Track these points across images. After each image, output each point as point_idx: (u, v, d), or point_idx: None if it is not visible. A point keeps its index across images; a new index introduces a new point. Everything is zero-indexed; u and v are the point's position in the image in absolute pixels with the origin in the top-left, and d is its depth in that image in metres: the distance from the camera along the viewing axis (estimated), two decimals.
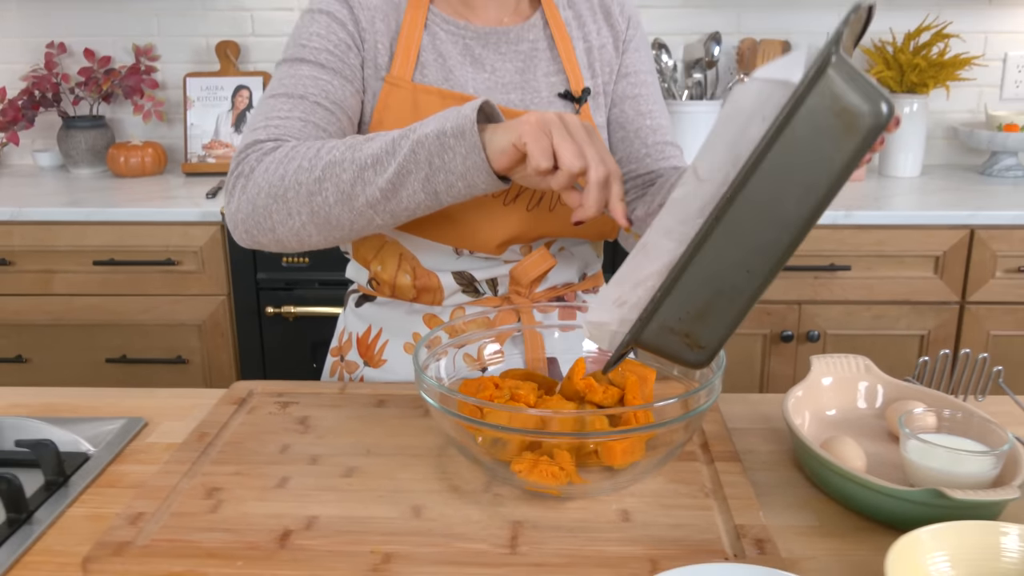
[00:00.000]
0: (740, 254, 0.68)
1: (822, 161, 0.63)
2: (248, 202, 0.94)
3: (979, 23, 2.48)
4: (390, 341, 1.14)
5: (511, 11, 1.11)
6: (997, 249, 2.02)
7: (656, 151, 1.13)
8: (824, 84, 0.61)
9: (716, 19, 2.50)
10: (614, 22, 1.14)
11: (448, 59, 1.07)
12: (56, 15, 2.56)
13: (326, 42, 1.03)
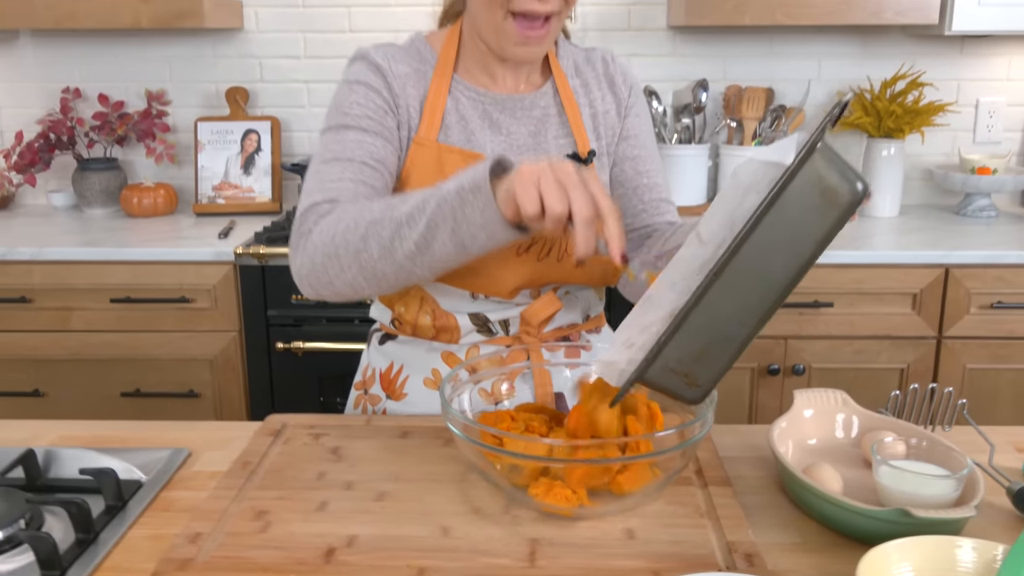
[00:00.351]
0: (733, 307, 0.79)
1: (807, 231, 0.75)
2: (308, 260, 1.05)
3: (952, 71, 2.61)
4: (411, 377, 1.24)
5: (526, 80, 1.23)
6: (971, 287, 2.14)
7: (652, 207, 1.25)
8: (810, 166, 0.73)
9: (703, 67, 2.63)
10: (617, 90, 1.26)
11: (469, 122, 1.19)
12: (72, 61, 2.67)
13: (366, 108, 1.15)
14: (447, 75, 1.19)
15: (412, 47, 1.22)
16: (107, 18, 2.34)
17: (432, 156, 1.16)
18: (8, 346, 2.22)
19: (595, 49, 1.30)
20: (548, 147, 1.21)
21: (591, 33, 2.60)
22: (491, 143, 1.19)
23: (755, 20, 2.29)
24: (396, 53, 1.19)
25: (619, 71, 1.28)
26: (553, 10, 1.09)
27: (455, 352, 1.22)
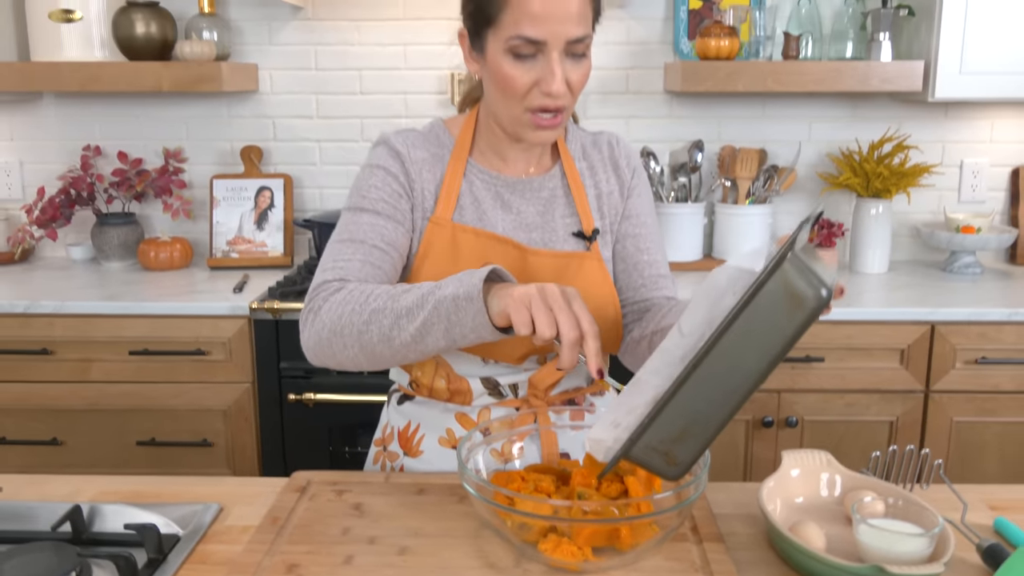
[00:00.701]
0: (709, 396, 0.89)
1: (776, 330, 0.85)
2: (315, 335, 1.17)
3: (937, 133, 2.73)
4: (426, 435, 1.34)
5: (536, 163, 1.34)
6: (956, 343, 2.23)
7: (651, 282, 1.35)
8: (780, 274, 0.83)
9: (699, 128, 2.74)
10: (621, 173, 1.37)
11: (482, 203, 1.30)
12: (92, 120, 2.78)
13: (382, 192, 1.26)
14: (463, 159, 1.30)
15: (432, 132, 1.33)
16: (130, 82, 2.45)
17: (448, 235, 1.27)
18: (29, 396, 2.30)
19: (602, 133, 1.41)
20: (555, 225, 1.31)
21: (592, 96, 2.72)
22: (502, 222, 1.30)
23: (748, 87, 2.41)
24: (415, 139, 1.31)
25: (623, 155, 1.38)
26: (564, 104, 1.20)
27: (468, 413, 1.31)
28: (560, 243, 1.32)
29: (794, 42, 2.49)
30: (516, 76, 1.18)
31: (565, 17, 1.15)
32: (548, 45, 1.15)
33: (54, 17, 2.51)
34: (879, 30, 2.45)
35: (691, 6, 2.65)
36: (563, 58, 1.17)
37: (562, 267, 1.30)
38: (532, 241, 1.30)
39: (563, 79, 1.17)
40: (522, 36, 1.15)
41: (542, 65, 1.17)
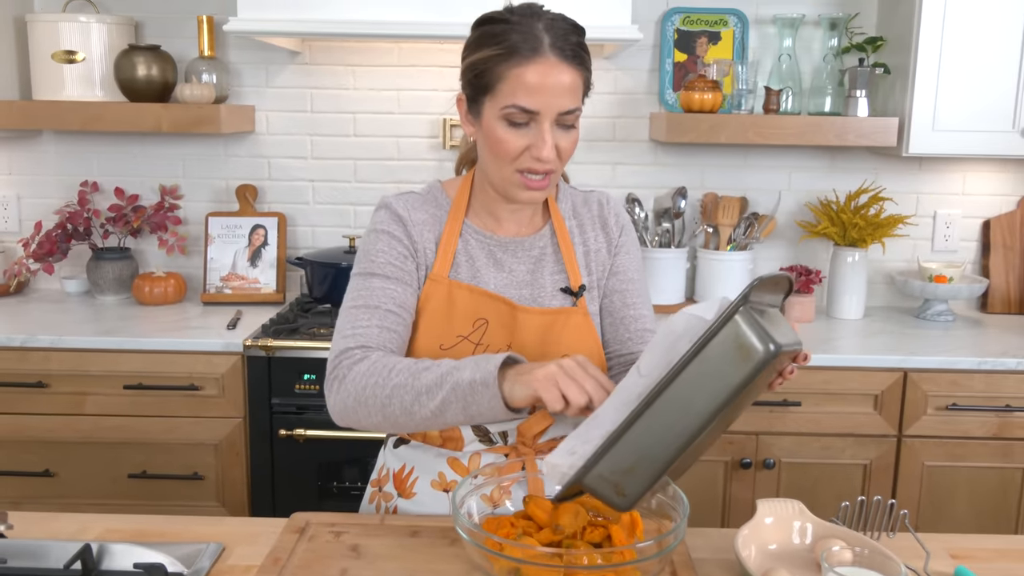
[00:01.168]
0: (660, 433, 0.98)
1: (724, 378, 0.93)
2: (341, 402, 1.26)
3: (912, 185, 2.83)
4: (420, 478, 1.40)
5: (527, 224, 1.42)
6: (928, 389, 2.31)
7: (637, 336, 1.42)
8: (732, 324, 0.91)
9: (683, 176, 2.83)
10: (609, 231, 1.45)
11: (476, 261, 1.38)
12: (91, 156, 2.84)
13: (389, 256, 1.35)
14: (459, 219, 1.39)
15: (430, 194, 1.42)
16: (131, 122, 2.52)
17: (444, 291, 1.35)
18: (24, 428, 2.34)
19: (593, 192, 1.49)
20: (544, 282, 1.40)
21: (580, 143, 2.79)
22: (495, 280, 1.38)
23: (730, 139, 2.50)
24: (415, 201, 1.40)
25: (612, 213, 1.47)
26: (552, 168, 1.29)
27: (459, 458, 1.38)
28: (548, 299, 1.39)
29: (774, 96, 2.59)
30: (509, 141, 1.26)
31: (558, 91, 1.24)
32: (541, 115, 1.24)
33: (57, 58, 2.58)
34: (856, 87, 2.56)
35: (676, 59, 2.75)
36: (553, 127, 1.26)
37: (549, 323, 1.37)
38: (522, 298, 1.38)
39: (553, 146, 1.26)
40: (517, 106, 1.24)
41: (534, 132, 1.26)
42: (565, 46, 1.25)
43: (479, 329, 1.35)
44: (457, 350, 1.34)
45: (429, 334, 1.36)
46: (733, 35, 2.74)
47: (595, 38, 2.28)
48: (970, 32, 2.43)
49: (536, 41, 1.24)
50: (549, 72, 1.23)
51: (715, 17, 2.73)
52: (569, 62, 1.25)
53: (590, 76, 1.31)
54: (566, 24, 1.28)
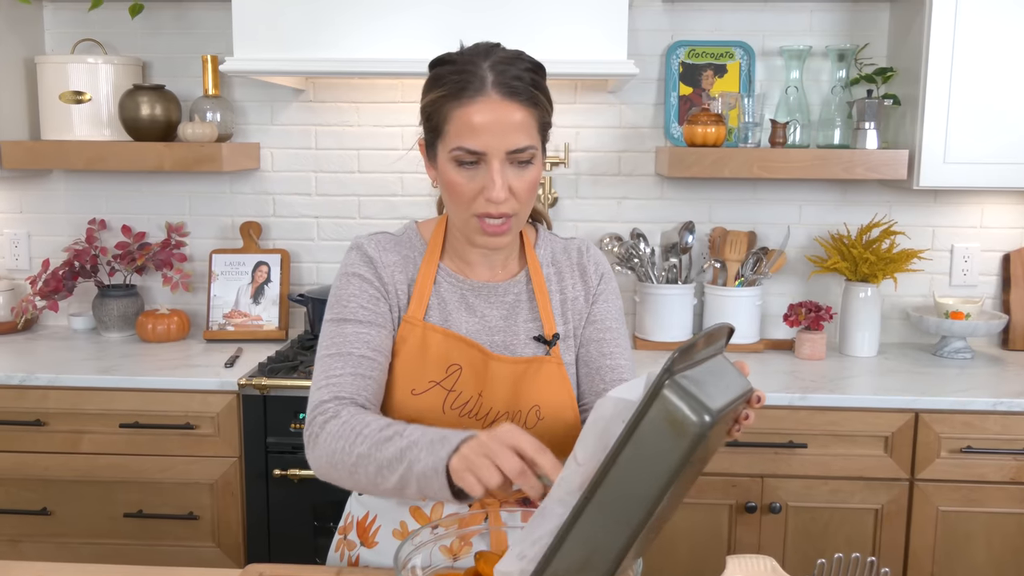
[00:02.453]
0: (607, 523, 0.90)
1: (663, 457, 0.87)
2: (316, 462, 1.26)
3: (927, 218, 2.75)
4: (383, 526, 1.37)
5: (500, 269, 1.40)
6: (940, 431, 2.23)
7: (613, 387, 1.35)
8: (660, 401, 0.86)
9: (690, 210, 2.78)
10: (588, 278, 1.42)
11: (448, 305, 1.36)
12: (99, 194, 2.87)
13: (361, 300, 1.33)
14: (434, 262, 1.37)
15: (404, 235, 1.40)
16: (134, 161, 2.54)
17: (419, 333, 1.33)
18: (21, 466, 2.34)
19: (573, 240, 1.47)
20: (517, 330, 1.36)
21: (584, 177, 2.78)
22: (467, 324, 1.35)
23: (734, 173, 2.45)
24: (387, 242, 1.38)
25: (591, 261, 1.44)
26: (508, 211, 1.25)
27: (422, 507, 1.34)
28: (521, 347, 1.36)
29: (781, 129, 2.54)
30: (461, 183, 1.24)
31: (504, 130, 1.21)
32: (488, 155, 1.22)
33: (64, 98, 2.61)
34: (864, 119, 2.50)
35: (681, 92, 2.71)
36: (505, 167, 1.23)
37: (521, 372, 1.34)
38: (494, 344, 1.35)
39: (504, 187, 1.22)
40: (463, 147, 1.22)
41: (484, 174, 1.23)
42: (509, 82, 1.22)
43: (452, 375, 1.32)
44: (429, 396, 1.31)
45: (402, 378, 1.33)
46: (739, 67, 2.69)
47: (590, 73, 2.28)
48: (980, 62, 2.36)
49: (479, 81, 1.22)
50: (492, 111, 1.21)
51: (721, 50, 2.69)
52: (514, 99, 1.22)
53: (546, 113, 1.28)
54: (515, 61, 1.25)
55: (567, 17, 2.26)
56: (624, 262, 2.70)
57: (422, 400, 1.32)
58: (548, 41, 2.25)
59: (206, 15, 2.76)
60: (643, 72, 2.70)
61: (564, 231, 2.80)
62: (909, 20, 2.52)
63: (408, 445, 1.14)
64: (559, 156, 2.75)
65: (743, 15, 2.70)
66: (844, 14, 2.69)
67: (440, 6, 2.27)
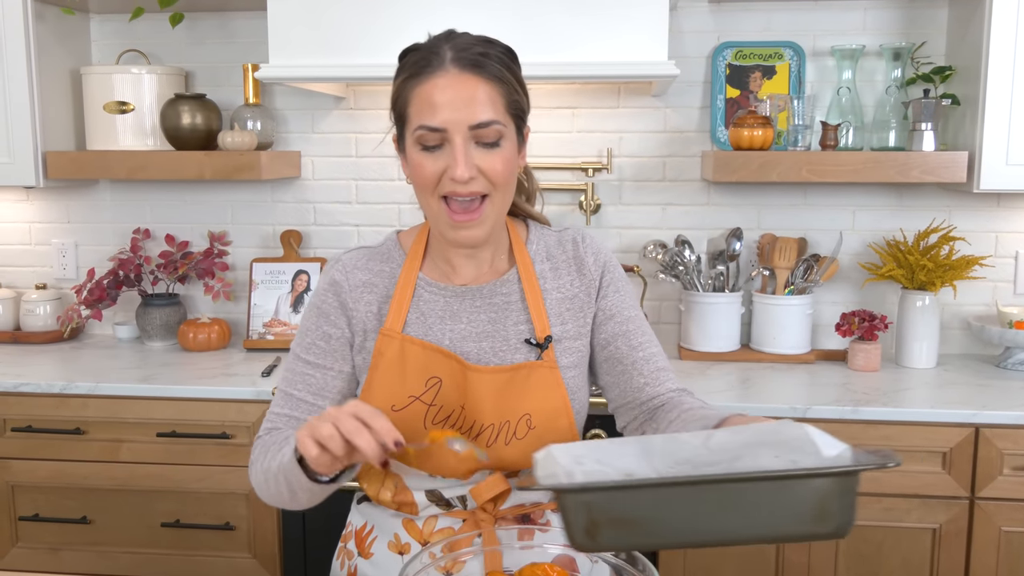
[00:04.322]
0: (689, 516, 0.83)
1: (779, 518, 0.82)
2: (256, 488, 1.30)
3: (989, 223, 2.63)
4: (379, 538, 1.34)
5: (488, 269, 1.33)
6: (1003, 447, 2.10)
7: (653, 379, 1.31)
8: (836, 482, 0.82)
9: (738, 216, 2.70)
10: (586, 272, 1.34)
11: (428, 317, 1.29)
12: (144, 204, 2.88)
13: (315, 337, 1.32)
14: (414, 271, 1.31)
15: (383, 247, 1.35)
16: (174, 170, 2.54)
17: (397, 346, 1.27)
18: (61, 475, 2.35)
19: (567, 230, 1.38)
20: (507, 333, 1.30)
21: (628, 183, 2.71)
22: (450, 333, 1.29)
23: (782, 177, 2.36)
24: (361, 259, 1.33)
25: (589, 252, 1.35)
26: (477, 190, 1.19)
27: (415, 521, 1.31)
28: (511, 352, 1.29)
29: (832, 132, 2.44)
30: (425, 165, 1.19)
31: (463, 103, 1.16)
32: (449, 131, 1.16)
33: (109, 109, 2.63)
34: (920, 120, 2.39)
35: (728, 95, 2.63)
36: (469, 144, 1.17)
37: (506, 381, 1.27)
38: (481, 351, 1.29)
39: (468, 164, 1.17)
40: (424, 125, 1.17)
41: (448, 153, 1.18)
42: (467, 56, 1.18)
43: (432, 389, 1.27)
44: (409, 411, 1.26)
45: (382, 393, 1.27)
46: (788, 68, 2.60)
47: (630, 75, 2.22)
48: None
49: (437, 58, 1.18)
50: (450, 85, 1.17)
51: (769, 51, 2.61)
52: (473, 71, 1.18)
53: (515, 93, 1.22)
54: (480, 43, 1.21)
55: (607, 19, 2.20)
56: (669, 270, 2.62)
57: (403, 416, 1.26)
58: (588, 44, 2.19)
59: (247, 24, 2.76)
60: (688, 74, 2.63)
61: (607, 238, 2.73)
62: (968, 17, 2.41)
63: (279, 462, 1.16)
64: (601, 161, 2.69)
65: (793, 14, 2.61)
66: (900, 12, 2.58)
67: (477, 10, 2.22)
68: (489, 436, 1.25)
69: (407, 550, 1.31)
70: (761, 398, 2.22)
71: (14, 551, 2.40)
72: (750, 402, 2.19)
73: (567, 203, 2.74)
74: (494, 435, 1.25)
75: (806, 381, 2.38)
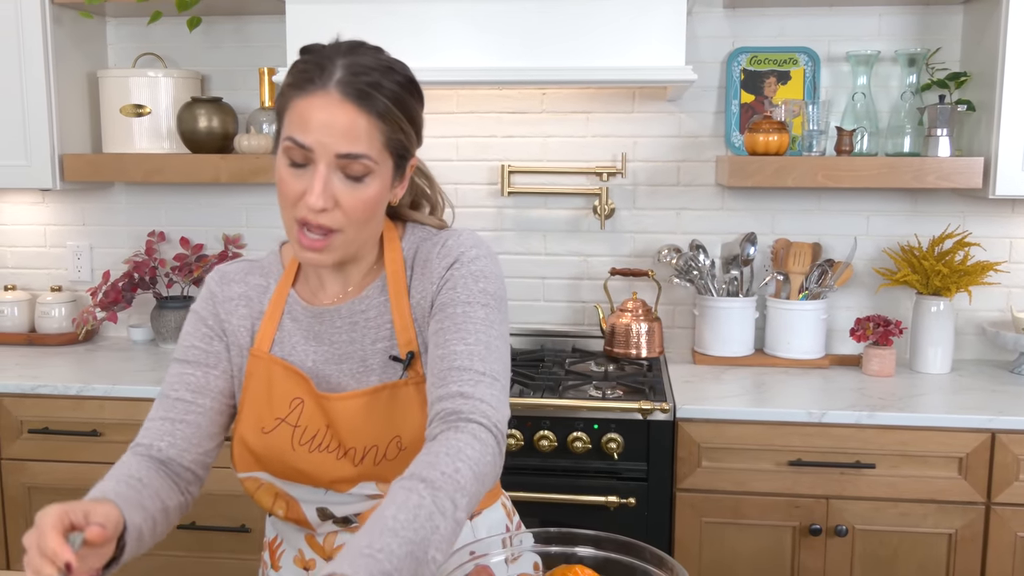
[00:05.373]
0: None
1: None
2: None
3: (1004, 229, 2.63)
4: (286, 551, 1.33)
5: (357, 283, 1.27)
6: (1019, 453, 2.11)
7: (440, 379, 1.17)
8: None
9: (752, 221, 2.70)
10: (431, 270, 1.24)
11: (294, 336, 1.27)
12: (159, 206, 2.90)
13: (193, 339, 1.28)
14: (286, 288, 1.28)
15: (264, 262, 1.33)
16: (190, 173, 2.55)
17: (264, 367, 1.25)
18: (78, 477, 2.36)
19: (444, 231, 1.30)
20: (365, 353, 1.25)
21: (642, 187, 2.71)
22: (313, 355, 1.27)
23: (797, 183, 2.37)
24: (239, 272, 1.31)
25: (436, 248, 1.26)
26: (327, 224, 1.14)
27: (316, 537, 1.30)
28: (377, 371, 1.25)
29: (847, 137, 2.45)
30: (288, 182, 1.15)
31: (335, 131, 1.11)
32: (315, 154, 1.12)
33: (125, 112, 2.64)
34: (936, 125, 2.39)
35: (743, 100, 2.63)
36: (332, 174, 1.13)
37: (364, 406, 1.23)
38: (341, 373, 1.26)
39: (324, 194, 1.12)
40: (292, 138, 1.13)
41: (310, 175, 1.13)
42: (354, 83, 1.12)
43: (295, 410, 1.23)
44: (277, 433, 1.24)
45: (252, 416, 1.25)
46: (803, 74, 2.61)
47: (648, 80, 2.22)
48: None
49: (325, 75, 1.13)
50: (326, 108, 1.11)
51: (784, 56, 2.61)
52: (354, 102, 1.12)
53: (398, 131, 1.16)
54: (378, 69, 1.15)
55: (624, 24, 2.20)
56: (683, 274, 2.63)
57: (272, 438, 1.24)
58: (606, 49, 2.20)
59: (263, 28, 2.77)
60: (703, 80, 2.63)
61: (621, 243, 2.74)
62: (984, 23, 2.41)
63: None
64: (616, 166, 2.69)
65: (808, 20, 2.62)
66: (914, 17, 2.59)
67: (494, 15, 2.23)
68: (357, 456, 1.22)
69: (312, 566, 1.29)
70: (776, 403, 2.23)
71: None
72: (765, 406, 2.19)
73: (582, 207, 2.75)
74: (361, 456, 1.22)
75: (821, 386, 2.38)
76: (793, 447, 2.16)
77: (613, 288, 2.73)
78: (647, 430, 2.18)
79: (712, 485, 2.19)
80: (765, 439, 2.16)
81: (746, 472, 2.18)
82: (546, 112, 2.72)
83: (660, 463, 2.20)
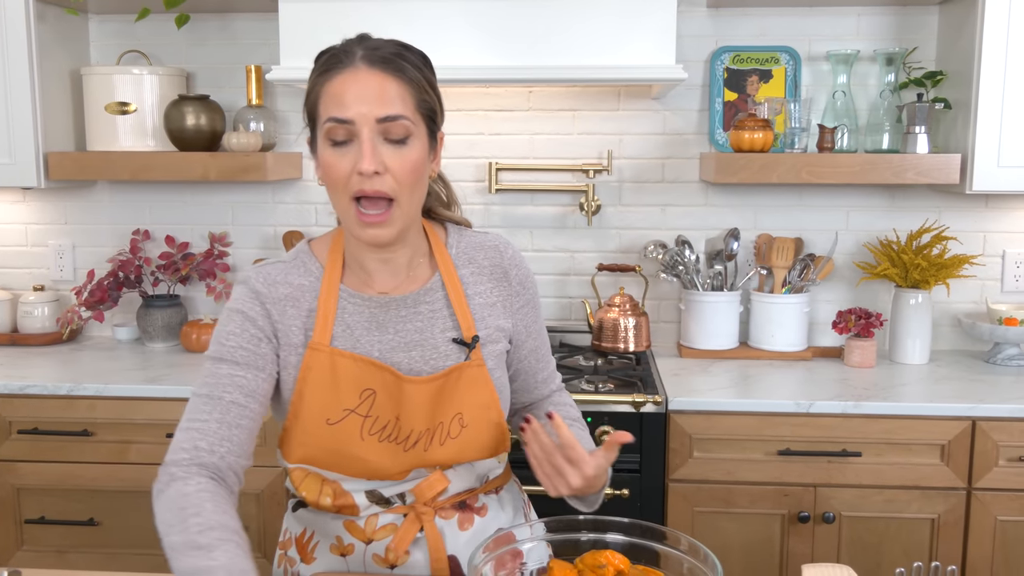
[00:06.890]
0: None
1: None
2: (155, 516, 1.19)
3: (978, 224, 2.71)
4: (320, 542, 1.36)
5: (406, 276, 1.34)
6: (998, 439, 2.18)
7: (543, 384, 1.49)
8: None
9: (735, 217, 2.75)
10: (508, 282, 1.39)
11: (355, 329, 1.30)
12: (143, 205, 2.88)
13: (240, 340, 1.26)
14: (335, 283, 1.31)
15: (297, 261, 1.33)
16: (179, 171, 2.55)
17: (326, 360, 1.27)
18: (69, 477, 2.34)
19: (487, 235, 1.42)
20: (436, 340, 1.32)
21: (627, 184, 2.75)
22: (379, 344, 1.30)
23: (782, 179, 2.42)
24: (278, 274, 1.31)
25: (512, 264, 1.39)
26: (382, 189, 1.19)
27: (356, 521, 1.33)
28: (441, 359, 1.31)
29: (829, 134, 2.51)
30: (334, 163, 1.19)
31: (370, 97, 1.18)
32: (357, 124, 1.18)
33: (110, 109, 2.63)
34: (914, 123, 2.46)
35: (726, 98, 2.68)
36: (377, 139, 1.19)
37: (439, 388, 1.29)
38: (411, 360, 1.30)
39: (375, 159, 1.17)
40: (332, 118, 1.18)
41: (356, 148, 1.18)
42: (378, 54, 1.21)
43: (366, 400, 1.27)
44: (345, 424, 1.26)
45: (314, 408, 1.27)
46: (785, 73, 2.67)
47: (639, 78, 2.25)
48: None
49: (348, 56, 1.21)
50: (357, 80, 1.19)
51: (766, 55, 2.67)
52: (381, 68, 1.20)
53: (426, 94, 1.24)
54: (393, 45, 1.24)
55: (615, 23, 2.24)
56: (669, 269, 2.67)
57: (339, 429, 1.26)
58: (597, 48, 2.23)
59: (250, 25, 2.77)
60: (687, 78, 2.67)
61: (607, 239, 2.78)
62: (960, 22, 2.48)
63: (204, 569, 1.07)
64: (602, 163, 2.73)
65: (788, 20, 2.67)
66: (892, 17, 2.65)
67: (487, 13, 2.26)
68: (425, 441, 1.28)
69: (350, 551, 1.33)
70: (764, 394, 2.28)
71: (19, 554, 2.39)
72: (754, 398, 2.24)
73: (568, 204, 2.78)
74: (429, 439, 1.28)
75: (805, 377, 2.44)
76: (782, 437, 2.21)
77: (599, 283, 2.77)
78: (640, 422, 2.22)
79: (703, 475, 2.24)
80: (755, 430, 2.21)
81: (736, 462, 2.23)
82: (533, 110, 2.75)
83: (652, 455, 2.24)
